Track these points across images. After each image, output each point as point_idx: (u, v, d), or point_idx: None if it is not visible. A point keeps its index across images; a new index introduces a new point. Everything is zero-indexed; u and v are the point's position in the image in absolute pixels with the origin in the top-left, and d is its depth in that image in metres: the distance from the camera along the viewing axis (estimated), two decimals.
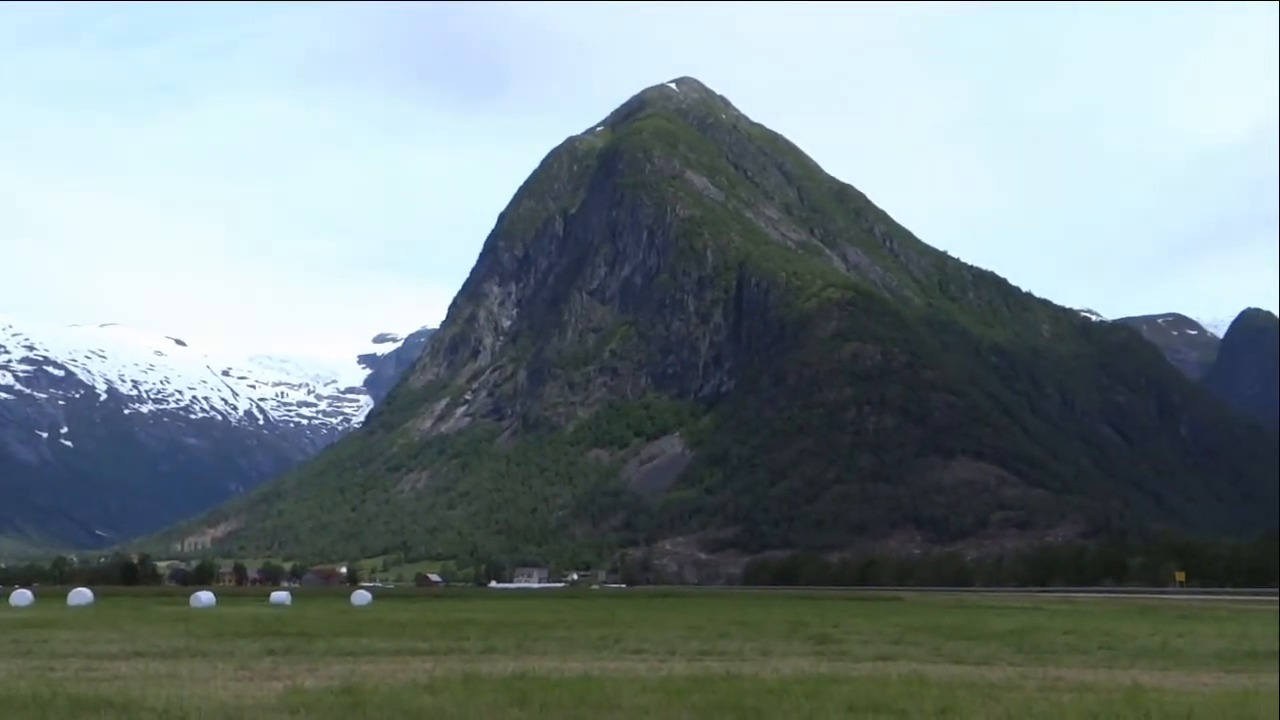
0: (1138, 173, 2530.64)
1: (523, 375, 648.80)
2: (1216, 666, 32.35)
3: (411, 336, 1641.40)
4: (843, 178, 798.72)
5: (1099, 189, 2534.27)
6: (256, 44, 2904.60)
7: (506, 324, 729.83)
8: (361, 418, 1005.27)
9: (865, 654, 36.34)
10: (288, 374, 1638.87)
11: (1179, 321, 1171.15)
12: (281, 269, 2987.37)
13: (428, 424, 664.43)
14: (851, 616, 67.29)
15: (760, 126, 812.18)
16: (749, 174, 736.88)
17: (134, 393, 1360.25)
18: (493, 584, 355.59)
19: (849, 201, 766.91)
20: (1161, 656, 36.08)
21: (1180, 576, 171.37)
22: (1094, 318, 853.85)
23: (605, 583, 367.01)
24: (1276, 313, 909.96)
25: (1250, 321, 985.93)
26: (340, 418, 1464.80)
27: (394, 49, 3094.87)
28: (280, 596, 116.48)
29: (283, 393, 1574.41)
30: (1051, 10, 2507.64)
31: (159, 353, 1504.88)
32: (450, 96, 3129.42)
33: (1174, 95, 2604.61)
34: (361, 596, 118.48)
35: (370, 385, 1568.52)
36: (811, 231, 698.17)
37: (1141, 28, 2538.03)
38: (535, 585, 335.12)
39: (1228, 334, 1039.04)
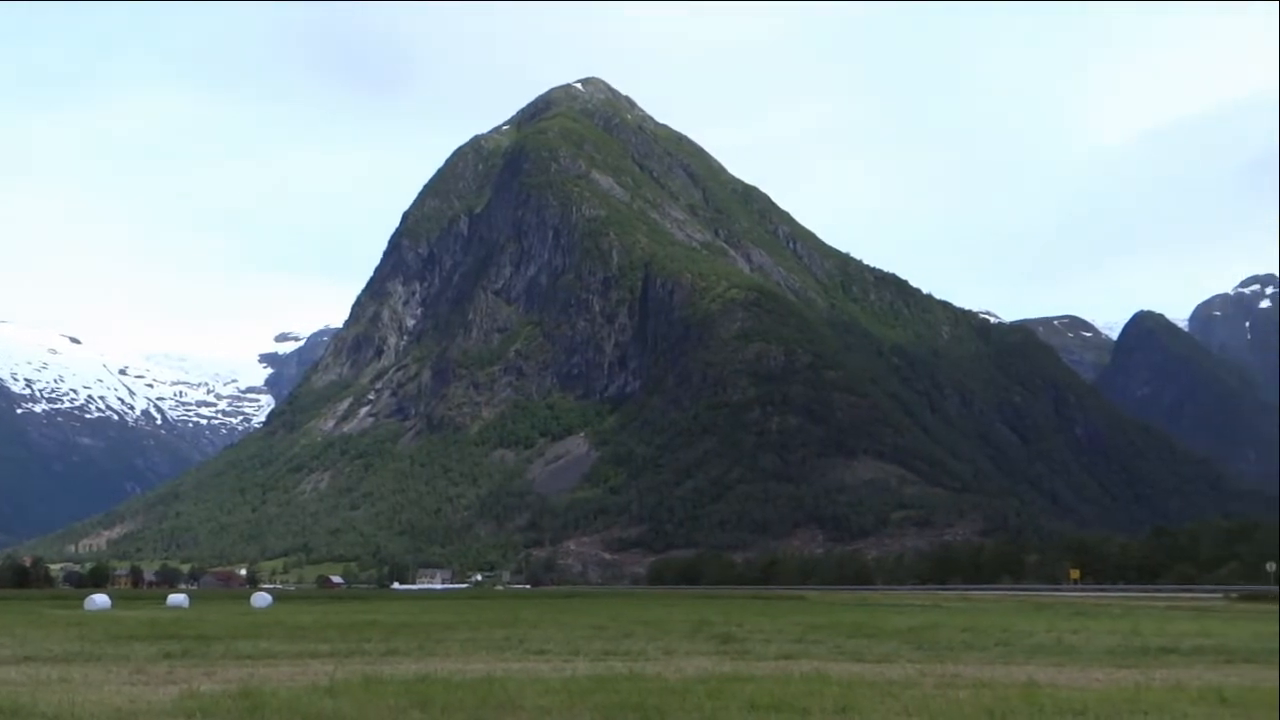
0: (1033, 177, 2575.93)
1: (427, 375, 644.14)
2: (1109, 662, 33.03)
3: (314, 335, 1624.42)
4: (747, 179, 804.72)
5: (996, 192, 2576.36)
6: (158, 38, 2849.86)
7: (411, 323, 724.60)
8: (262, 418, 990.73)
9: (768, 653, 36.59)
10: (186, 373, 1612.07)
11: (1074, 324, 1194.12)
12: (181, 266, 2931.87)
13: (330, 424, 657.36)
14: (754, 615, 67.72)
15: (666, 127, 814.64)
16: (654, 175, 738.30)
17: (27, 392, 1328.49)
18: (395, 585, 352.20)
19: (753, 203, 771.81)
20: (1056, 653, 36.74)
21: (1074, 574, 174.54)
22: (992, 319, 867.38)
23: (510, 583, 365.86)
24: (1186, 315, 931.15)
25: (1142, 324, 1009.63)
26: (240, 417, 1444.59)
27: (297, 45, 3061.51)
28: (178, 599, 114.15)
29: (181, 392, 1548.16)
30: (952, 14, 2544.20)
31: (53, 350, 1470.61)
32: (354, 93, 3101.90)
33: (1070, 101, 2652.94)
34: (261, 599, 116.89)
35: (271, 385, 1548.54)
36: (716, 232, 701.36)
37: (1039, 33, 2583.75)
38: (439, 586, 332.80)
39: (1121, 336, 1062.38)
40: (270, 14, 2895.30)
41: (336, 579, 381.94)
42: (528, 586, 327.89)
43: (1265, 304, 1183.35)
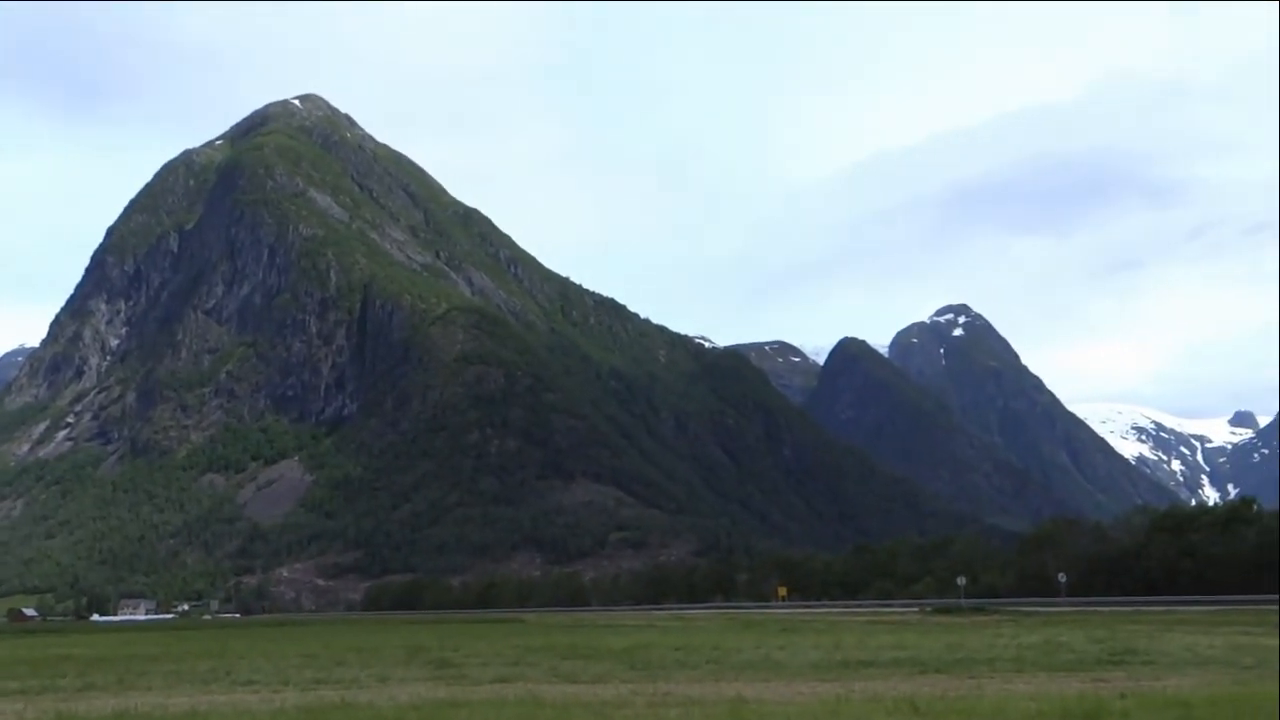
0: (740, 207, 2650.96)
1: (132, 397, 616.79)
2: (812, 676, 34.32)
3: (7, 355, 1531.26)
4: (468, 201, 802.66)
5: (707, 221, 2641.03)
6: None
7: (115, 343, 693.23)
8: None
9: (484, 676, 36.61)
10: None
11: (784, 349, 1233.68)
12: None
13: (24, 448, 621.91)
14: (471, 639, 67.50)
15: (386, 147, 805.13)
16: (374, 194, 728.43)
17: None
18: (95, 617, 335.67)
19: (474, 225, 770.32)
20: (764, 668, 37.94)
21: (782, 592, 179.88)
22: (706, 344, 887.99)
23: (218, 612, 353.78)
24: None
25: (846, 350, 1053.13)
26: None
27: None
28: None
29: None
30: (660, 48, 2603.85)
31: None
32: (50, 103, 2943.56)
33: (772, 134, 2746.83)
34: None
35: None
36: (437, 254, 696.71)
37: (742, 71, 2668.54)
38: (142, 617, 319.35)
39: (827, 361, 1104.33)
40: None
41: (30, 611, 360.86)
42: (238, 615, 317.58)
43: (958, 332, 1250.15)
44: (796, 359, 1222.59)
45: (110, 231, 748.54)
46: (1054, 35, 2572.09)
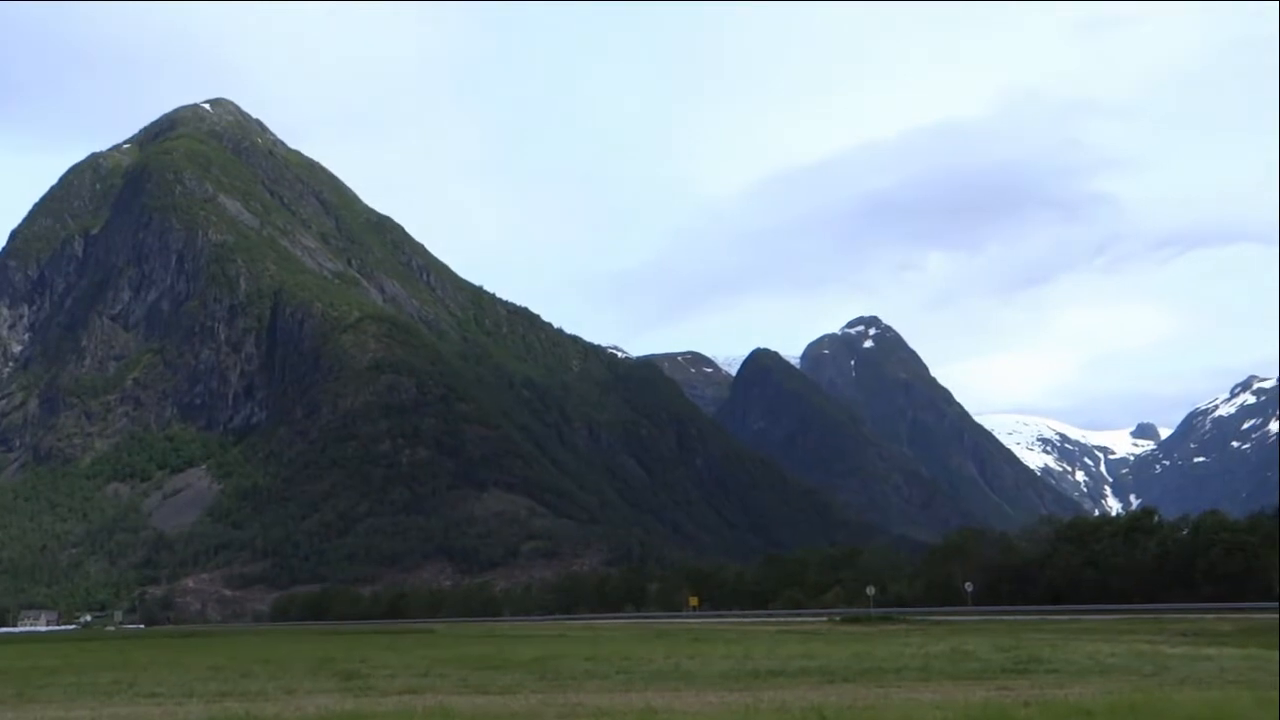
0: (651, 219, 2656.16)
1: (34, 404, 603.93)
2: (722, 686, 34.52)
3: None
4: (381, 209, 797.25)
5: (620, 233, 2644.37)
6: None
7: (17, 349, 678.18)
8: None
9: (392, 688, 36.37)
10: None
11: (697, 359, 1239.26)
12: None
13: None
14: (380, 650, 67.01)
15: (298, 153, 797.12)
16: (285, 201, 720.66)
17: None
18: None
19: (387, 233, 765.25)
20: (674, 678, 38.07)
21: (693, 601, 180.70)
22: (620, 354, 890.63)
23: (123, 624, 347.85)
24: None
25: (758, 361, 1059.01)
26: None
27: None
28: None
29: None
30: (574, 57, 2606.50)
31: None
32: None
33: (683, 148, 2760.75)
34: None
35: None
36: (349, 262, 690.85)
37: (655, 83, 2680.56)
38: (43, 629, 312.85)
39: (740, 372, 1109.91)
40: None
41: None
42: (142, 626, 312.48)
43: (869, 344, 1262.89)
44: (709, 369, 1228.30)
45: (13, 235, 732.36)
46: (964, 52, 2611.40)
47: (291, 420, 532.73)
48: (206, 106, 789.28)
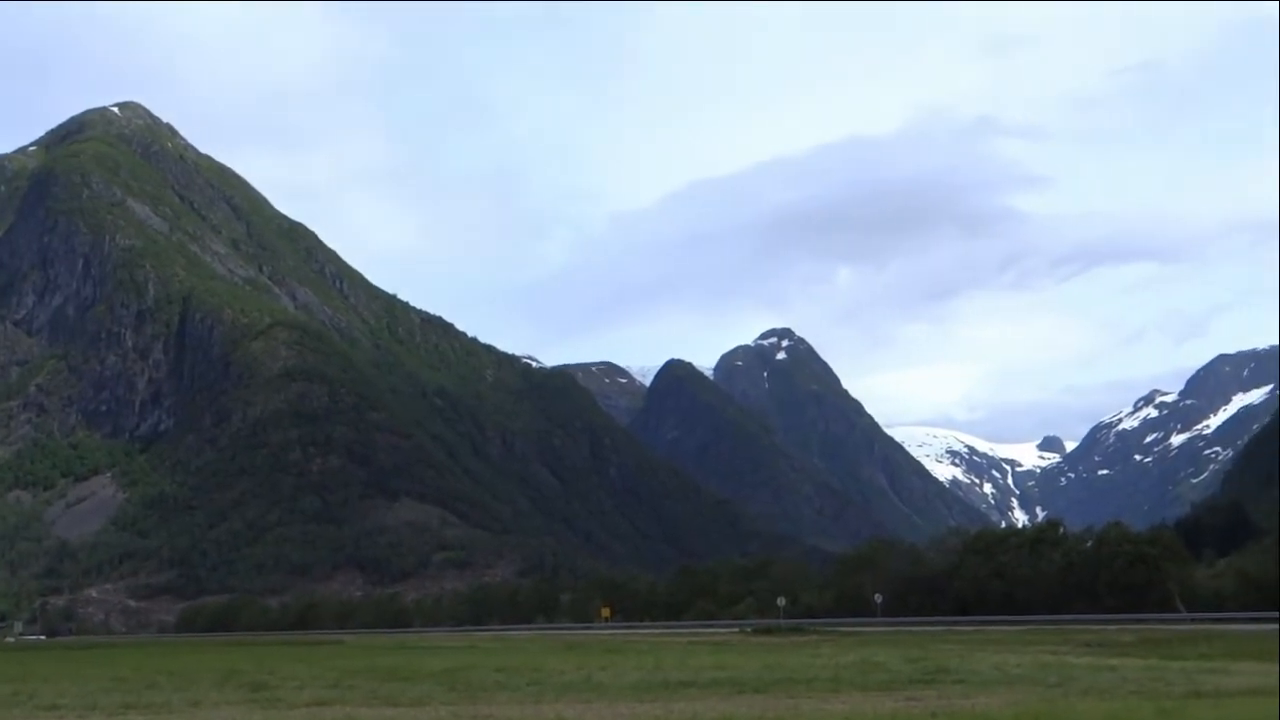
0: (563, 230, 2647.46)
1: None
2: (633, 697, 34.70)
3: None
4: (294, 215, 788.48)
5: (536, 242, 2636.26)
6: None
7: None
8: None
9: (300, 700, 36.13)
10: None
11: (611, 369, 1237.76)
12: None
13: None
14: (289, 662, 66.39)
15: (209, 158, 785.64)
16: (195, 206, 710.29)
17: None
18: None
19: (299, 240, 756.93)
20: (586, 689, 38.19)
21: (605, 612, 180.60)
22: (534, 363, 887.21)
23: (23, 634, 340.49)
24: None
25: (672, 372, 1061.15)
26: None
27: None
28: None
29: None
30: (487, 66, 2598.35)
31: None
32: None
33: (596, 158, 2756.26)
34: None
35: None
36: (260, 268, 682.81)
37: (569, 92, 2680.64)
38: None
39: (653, 382, 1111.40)
40: None
41: None
42: (43, 637, 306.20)
43: (781, 356, 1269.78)
44: (623, 380, 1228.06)
45: None
46: (874, 70, 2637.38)
47: (200, 428, 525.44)
48: (115, 110, 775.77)
